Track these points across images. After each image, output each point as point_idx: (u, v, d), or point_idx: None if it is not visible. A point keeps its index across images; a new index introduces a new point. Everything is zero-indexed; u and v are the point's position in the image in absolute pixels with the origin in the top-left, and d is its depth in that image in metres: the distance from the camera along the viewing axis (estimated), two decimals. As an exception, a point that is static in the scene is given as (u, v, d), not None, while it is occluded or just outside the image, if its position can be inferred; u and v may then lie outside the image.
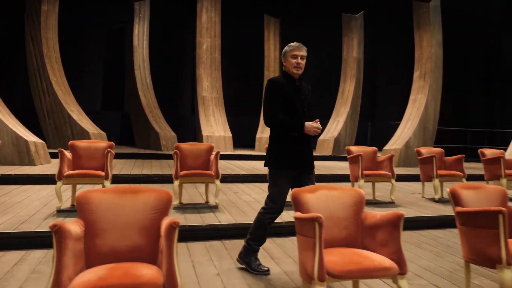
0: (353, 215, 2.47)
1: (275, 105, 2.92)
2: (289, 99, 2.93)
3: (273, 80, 3.00)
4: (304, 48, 2.97)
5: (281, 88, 2.93)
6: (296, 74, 2.95)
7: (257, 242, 3.02)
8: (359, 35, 11.99)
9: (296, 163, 2.93)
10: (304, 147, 2.98)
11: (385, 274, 2.09)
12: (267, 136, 10.93)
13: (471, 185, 2.90)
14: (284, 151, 2.93)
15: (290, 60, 2.93)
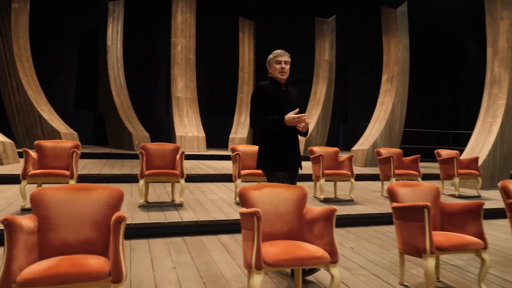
0: (296, 210, 2.68)
1: (260, 108, 3.03)
2: (275, 103, 3.04)
3: (259, 85, 3.12)
4: (287, 54, 3.11)
5: (266, 92, 3.05)
6: (281, 79, 3.09)
7: None
8: (331, 38, 12.33)
9: (288, 164, 3.06)
10: (289, 146, 3.07)
11: (318, 263, 2.31)
12: (240, 136, 11.17)
13: (408, 183, 3.17)
14: (275, 153, 3.03)
15: (275, 66, 3.08)
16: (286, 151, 3.05)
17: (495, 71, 8.68)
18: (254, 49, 12.62)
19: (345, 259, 3.48)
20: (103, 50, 11.05)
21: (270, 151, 3.05)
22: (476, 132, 8.41)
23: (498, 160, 7.93)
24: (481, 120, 8.52)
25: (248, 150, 5.47)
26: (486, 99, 8.67)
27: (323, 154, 5.47)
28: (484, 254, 2.75)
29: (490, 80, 8.73)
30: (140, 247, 3.61)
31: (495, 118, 8.26)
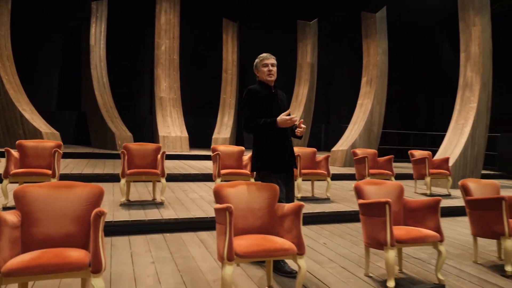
0: (267, 207, 2.87)
1: (251, 111, 3.08)
2: (266, 105, 3.09)
3: (249, 89, 3.16)
4: (273, 57, 3.19)
5: (257, 95, 3.11)
6: (270, 81, 3.16)
7: None
8: (313, 41, 12.60)
9: (281, 166, 3.09)
10: (284, 148, 3.12)
11: (285, 254, 2.50)
12: (223, 137, 11.31)
13: (374, 181, 3.39)
14: (268, 155, 3.08)
15: (262, 69, 3.16)
16: (280, 152, 3.10)
17: (468, 75, 9.06)
18: (237, 50, 12.78)
19: (317, 253, 3.68)
20: (86, 49, 11.04)
21: (264, 153, 3.10)
22: (449, 134, 8.76)
23: (468, 161, 8.29)
24: (453, 122, 8.89)
25: (228, 150, 5.64)
26: (458, 102, 9.04)
27: (300, 155, 5.67)
28: (441, 246, 2.98)
29: (462, 84, 9.11)
30: (121, 243, 3.74)
31: (467, 120, 8.62)
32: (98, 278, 2.11)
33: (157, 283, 2.83)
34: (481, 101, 8.68)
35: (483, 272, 3.36)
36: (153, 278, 2.93)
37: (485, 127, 8.73)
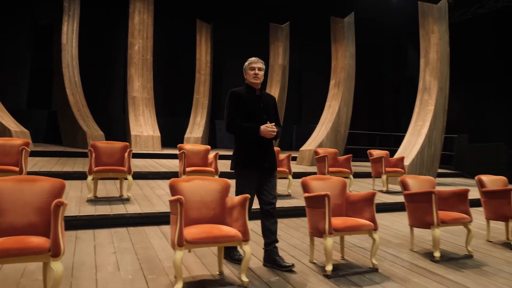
0: (219, 199, 3.16)
1: (232, 112, 3.22)
2: (248, 108, 3.22)
3: (232, 91, 3.30)
4: (261, 62, 3.34)
5: (238, 97, 3.24)
6: (255, 84, 3.31)
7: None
8: (285, 44, 12.97)
9: (256, 164, 3.23)
10: (265, 150, 3.26)
11: (231, 240, 2.80)
12: (195, 136, 11.53)
13: (319, 177, 3.73)
14: (247, 155, 3.22)
15: (249, 72, 3.30)
16: (257, 154, 3.22)
17: (426, 79, 9.62)
18: (211, 51, 13.00)
19: (270, 243, 3.99)
20: (57, 48, 11.02)
21: (242, 153, 3.25)
22: (408, 135, 9.29)
23: (425, 160, 8.83)
24: (413, 124, 9.42)
25: (194, 149, 5.90)
26: (418, 105, 9.59)
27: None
28: (375, 234, 3.35)
29: (422, 88, 9.67)
30: (85, 236, 3.95)
31: (425, 122, 9.17)
32: (57, 262, 2.34)
33: (116, 270, 3.08)
34: (438, 104, 9.23)
35: (415, 258, 3.76)
36: (113, 265, 3.17)
37: (441, 129, 9.30)
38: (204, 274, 3.09)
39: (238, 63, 3.55)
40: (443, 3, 9.70)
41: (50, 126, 11.75)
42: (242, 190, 3.19)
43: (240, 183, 3.27)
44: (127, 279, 2.91)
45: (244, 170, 3.23)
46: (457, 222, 3.80)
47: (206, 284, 2.88)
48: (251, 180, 3.23)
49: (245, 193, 3.05)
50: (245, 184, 3.23)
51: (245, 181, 3.23)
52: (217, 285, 2.86)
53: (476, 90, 13.69)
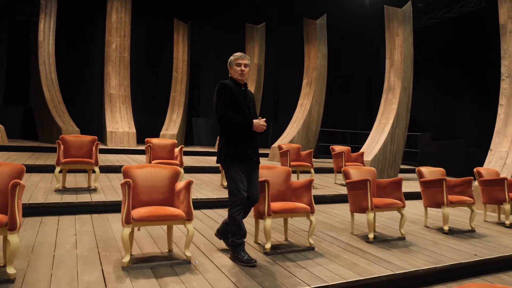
0: (169, 185, 3.49)
1: (226, 104, 3.20)
2: (237, 101, 3.25)
3: (224, 83, 3.28)
4: (247, 57, 3.36)
5: (230, 90, 3.25)
6: (241, 80, 3.34)
7: (237, 236, 3.26)
8: (260, 43, 13.33)
9: (245, 158, 3.27)
10: (252, 143, 3.32)
11: (174, 219, 3.13)
12: (171, 133, 11.80)
13: (267, 166, 4.08)
14: (234, 148, 3.24)
15: (235, 68, 3.31)
16: (244, 147, 3.28)
17: (391, 80, 10.12)
18: (188, 50, 13.26)
19: (223, 228, 4.34)
20: (34, 45, 11.14)
21: (230, 146, 3.26)
22: (372, 132, 9.77)
23: (387, 156, 9.31)
24: (377, 122, 9.91)
25: (161, 143, 6.21)
26: (382, 104, 10.08)
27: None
28: (312, 217, 3.72)
29: (386, 88, 10.16)
30: (50, 222, 4.23)
31: (388, 120, 9.65)
32: (14, 235, 2.64)
33: (74, 248, 3.38)
34: (401, 103, 9.73)
35: (353, 240, 4.16)
36: (71, 245, 3.47)
37: (404, 126, 9.80)
38: (154, 251, 3.42)
39: (214, 62, 3.83)
40: (407, 7, 10.19)
41: (26, 122, 11.85)
42: (237, 183, 3.21)
43: (232, 177, 3.24)
44: (82, 255, 3.22)
45: (235, 163, 3.24)
46: (390, 207, 4.21)
47: (154, 259, 3.21)
48: (242, 172, 3.26)
49: (240, 186, 3.18)
50: (238, 177, 3.23)
51: (237, 174, 3.23)
52: (164, 260, 3.20)
53: (444, 91, 14.30)
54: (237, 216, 3.24)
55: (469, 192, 4.92)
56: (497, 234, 4.74)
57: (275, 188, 3.92)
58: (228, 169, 3.28)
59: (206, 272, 3.01)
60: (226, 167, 3.31)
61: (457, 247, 4.10)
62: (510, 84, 7.70)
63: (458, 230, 4.82)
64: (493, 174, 5.69)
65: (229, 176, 3.28)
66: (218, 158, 3.38)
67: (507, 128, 7.42)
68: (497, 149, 7.30)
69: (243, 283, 2.82)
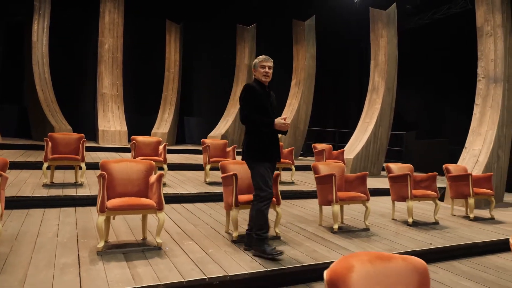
0: (144, 178, 3.77)
1: (250, 105, 3.38)
2: (261, 101, 3.43)
3: (249, 85, 3.50)
4: (271, 60, 3.54)
5: (255, 92, 3.45)
6: (265, 82, 3.53)
7: (263, 230, 3.40)
8: (251, 44, 13.60)
9: (271, 155, 3.46)
10: (275, 141, 3.50)
11: (145, 208, 3.42)
12: (162, 131, 12.07)
13: (236, 161, 4.37)
14: (258, 145, 3.42)
15: (260, 70, 3.50)
16: (269, 146, 3.46)
17: (375, 80, 10.41)
18: (180, 50, 13.53)
19: (199, 220, 4.63)
20: (28, 45, 11.40)
21: (256, 145, 3.44)
22: (356, 131, 10.06)
23: (370, 154, 9.60)
24: (361, 121, 10.19)
25: (146, 140, 6.48)
26: (367, 104, 10.36)
27: (210, 145, 6.61)
28: (278, 208, 4.01)
29: (371, 88, 10.45)
30: (36, 214, 4.50)
31: (372, 119, 9.94)
32: (-4, 221, 2.92)
33: (55, 236, 3.66)
34: (385, 103, 10.02)
35: (319, 230, 4.45)
36: (53, 233, 3.75)
37: (388, 126, 10.09)
38: (129, 239, 3.70)
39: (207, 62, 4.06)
40: (392, 10, 10.48)
41: (21, 121, 12.10)
42: (266, 179, 3.39)
43: (261, 173, 3.40)
44: (62, 242, 3.50)
45: (261, 160, 3.41)
46: (354, 200, 4.49)
47: (128, 246, 3.49)
48: (268, 168, 3.43)
49: (269, 182, 3.37)
50: (266, 174, 3.41)
51: (265, 170, 3.41)
52: (137, 246, 3.48)
53: (432, 92, 14.59)
54: (265, 210, 3.38)
55: (434, 186, 5.21)
56: (459, 226, 5.03)
57: (245, 182, 4.20)
58: (257, 166, 3.42)
59: (174, 256, 3.29)
60: (254, 164, 3.44)
61: (416, 237, 4.39)
62: (485, 85, 8.00)
63: (423, 223, 5.11)
64: (460, 170, 5.98)
65: (257, 173, 3.42)
66: (245, 155, 3.50)
67: (481, 127, 7.72)
68: (471, 147, 7.60)
69: (206, 266, 3.10)
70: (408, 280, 1.58)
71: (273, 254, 3.26)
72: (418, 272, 1.61)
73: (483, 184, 5.77)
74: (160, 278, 2.80)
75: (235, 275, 2.98)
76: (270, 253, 3.27)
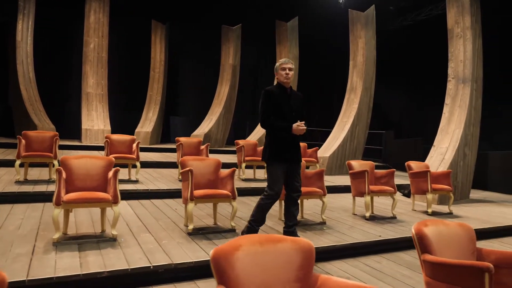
0: (102, 173, 3.95)
1: (267, 110, 3.52)
2: (279, 105, 3.53)
3: (266, 90, 3.61)
4: (291, 62, 3.65)
5: (272, 96, 3.55)
6: (286, 83, 3.62)
7: (257, 223, 3.67)
8: (236, 44, 13.78)
9: (286, 157, 3.60)
10: (293, 144, 3.62)
11: (101, 201, 3.60)
12: (145, 130, 12.24)
13: (198, 158, 4.57)
14: (277, 148, 3.58)
15: (280, 72, 3.60)
16: (286, 148, 3.60)
17: (354, 80, 10.63)
18: (165, 50, 13.69)
19: (163, 214, 4.81)
20: (12, 45, 11.51)
21: (273, 147, 3.62)
22: (334, 130, 10.28)
23: (347, 152, 9.82)
24: (339, 120, 10.42)
25: (120, 138, 6.66)
26: (345, 103, 10.59)
27: (183, 143, 6.80)
28: (233, 202, 4.20)
29: (349, 88, 10.67)
30: (4, 208, 4.66)
31: (349, 119, 10.16)
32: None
33: (17, 229, 3.83)
34: (363, 103, 10.24)
35: (275, 223, 4.64)
36: (15, 226, 3.93)
37: (365, 125, 10.32)
38: (88, 232, 3.88)
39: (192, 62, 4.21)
40: (371, 11, 10.71)
41: (5, 120, 12.21)
42: (276, 181, 3.61)
43: (273, 174, 3.62)
44: (21, 234, 3.68)
45: (276, 162, 3.60)
46: (310, 195, 4.70)
47: (85, 238, 3.67)
48: (282, 171, 3.61)
49: (277, 184, 3.57)
50: (278, 175, 3.60)
51: (278, 172, 3.60)
52: (93, 238, 3.66)
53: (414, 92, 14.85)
54: (266, 207, 3.59)
55: (392, 182, 5.43)
56: (414, 220, 5.25)
57: (205, 177, 4.40)
58: (270, 166, 3.66)
59: (127, 247, 3.47)
60: (269, 165, 3.68)
61: (369, 230, 4.60)
62: (455, 85, 8.25)
63: (380, 217, 5.32)
64: (422, 167, 6.20)
65: (270, 172, 3.68)
66: (263, 155, 3.73)
67: (450, 126, 7.96)
68: (439, 145, 7.84)
69: (155, 255, 3.28)
70: (292, 259, 1.78)
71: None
72: (303, 252, 1.80)
73: (442, 181, 6.00)
74: (107, 266, 2.98)
75: (180, 263, 3.18)
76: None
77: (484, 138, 10.97)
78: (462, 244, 2.36)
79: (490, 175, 9.38)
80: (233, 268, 1.64)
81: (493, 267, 1.83)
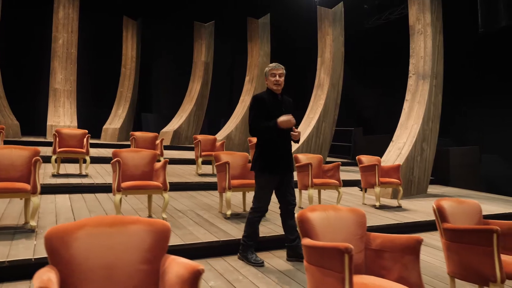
0: (27, 163, 3.86)
1: (256, 117, 3.30)
2: (270, 111, 3.30)
3: (255, 97, 3.40)
4: (281, 67, 3.39)
5: (261, 102, 3.33)
6: (276, 90, 3.37)
7: (250, 238, 3.43)
8: (208, 41, 13.72)
9: (276, 168, 3.35)
10: (283, 153, 3.39)
11: (19, 191, 3.53)
12: (114, 127, 12.10)
13: (133, 150, 4.50)
14: (266, 159, 3.35)
15: (270, 78, 3.36)
16: (276, 157, 3.35)
17: (321, 77, 10.66)
18: (137, 47, 13.57)
19: (100, 207, 4.74)
20: (-24, 40, 11.29)
21: (261, 156, 3.38)
22: (300, 126, 10.27)
23: (312, 148, 9.83)
24: (306, 116, 10.43)
25: (71, 132, 6.57)
26: (312, 100, 10.61)
27: (136, 138, 6.73)
28: (165, 194, 4.16)
29: (317, 84, 10.69)
30: None
31: (315, 115, 10.19)
32: None
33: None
34: (329, 99, 10.27)
35: (214, 217, 4.61)
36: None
37: (332, 121, 10.35)
38: (12, 223, 3.80)
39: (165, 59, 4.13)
40: (338, 8, 10.75)
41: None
42: (264, 193, 3.40)
43: (261, 186, 3.41)
44: None
45: (267, 173, 3.36)
46: (246, 187, 4.67)
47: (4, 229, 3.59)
48: (271, 182, 3.38)
49: (264, 194, 3.37)
50: (264, 186, 3.39)
51: (265, 182, 3.38)
52: (13, 229, 3.58)
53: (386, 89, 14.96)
54: (255, 222, 3.40)
55: (337, 176, 5.44)
56: (358, 213, 5.26)
57: (139, 169, 4.34)
58: (259, 177, 3.41)
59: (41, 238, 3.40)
60: (256, 176, 3.45)
61: (306, 222, 4.58)
62: (415, 81, 8.32)
63: (325, 210, 5.31)
64: (373, 161, 6.23)
65: (258, 184, 3.43)
66: (252, 166, 3.49)
67: (409, 122, 8.03)
68: (397, 140, 7.90)
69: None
70: (142, 240, 1.74)
71: (253, 263, 3.36)
72: (155, 233, 1.77)
73: (392, 174, 6.03)
74: (10, 256, 2.91)
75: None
76: (251, 261, 3.37)
77: (449, 135, 11.13)
78: (349, 228, 2.36)
79: (451, 170, 9.48)
80: (68, 248, 1.59)
81: (351, 248, 1.82)
